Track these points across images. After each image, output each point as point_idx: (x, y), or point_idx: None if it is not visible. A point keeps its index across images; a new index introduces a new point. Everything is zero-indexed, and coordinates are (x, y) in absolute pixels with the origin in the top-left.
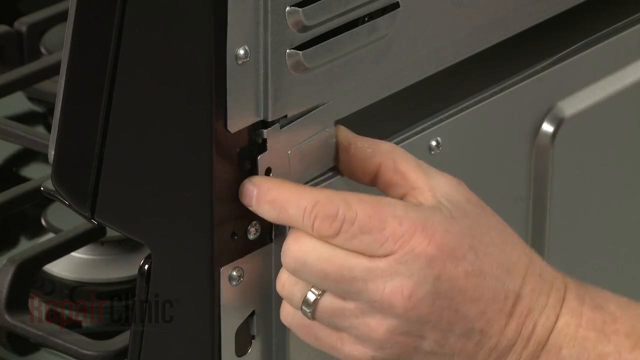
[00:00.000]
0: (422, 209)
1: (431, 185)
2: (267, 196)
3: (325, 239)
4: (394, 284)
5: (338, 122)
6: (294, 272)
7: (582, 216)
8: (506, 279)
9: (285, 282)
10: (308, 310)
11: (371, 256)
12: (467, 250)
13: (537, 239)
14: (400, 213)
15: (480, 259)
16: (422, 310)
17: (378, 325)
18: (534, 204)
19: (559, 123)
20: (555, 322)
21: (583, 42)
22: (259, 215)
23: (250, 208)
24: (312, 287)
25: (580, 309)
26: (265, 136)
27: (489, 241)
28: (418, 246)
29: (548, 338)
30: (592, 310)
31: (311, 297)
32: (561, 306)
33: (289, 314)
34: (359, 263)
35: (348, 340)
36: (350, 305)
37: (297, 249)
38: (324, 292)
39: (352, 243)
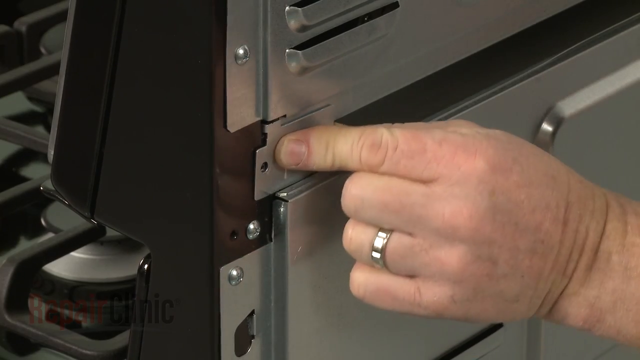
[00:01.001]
0: (461, 133)
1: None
2: (320, 141)
3: (373, 168)
4: (453, 207)
5: (338, 122)
6: (355, 213)
7: None
8: (554, 187)
9: (352, 235)
10: (379, 257)
11: (420, 180)
12: (512, 163)
13: None
14: (439, 137)
15: (525, 170)
16: (485, 228)
17: (448, 256)
18: None
19: (558, 123)
20: (604, 227)
21: (583, 42)
22: (307, 168)
23: (294, 167)
24: (379, 232)
25: (624, 216)
26: (265, 131)
27: (528, 152)
28: (464, 164)
29: (599, 244)
30: (636, 217)
31: (379, 241)
32: (607, 212)
33: (360, 282)
34: (416, 188)
35: (425, 287)
36: (417, 239)
37: (353, 187)
38: (391, 234)
39: (397, 168)
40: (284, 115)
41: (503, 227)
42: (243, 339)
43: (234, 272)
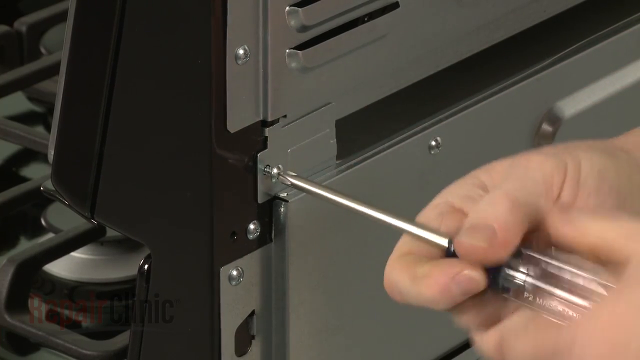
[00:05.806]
0: None
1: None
2: None
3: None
4: None
5: (338, 121)
6: None
7: None
8: None
9: None
10: None
11: None
12: None
13: None
14: None
15: None
16: None
17: None
18: None
19: (558, 123)
20: None
21: (582, 42)
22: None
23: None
24: None
25: None
26: (266, 134)
27: None
28: None
29: None
30: None
31: None
32: None
33: None
34: None
35: None
36: None
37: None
38: None
39: None
40: (285, 116)
41: None
42: (243, 339)
43: (234, 272)
